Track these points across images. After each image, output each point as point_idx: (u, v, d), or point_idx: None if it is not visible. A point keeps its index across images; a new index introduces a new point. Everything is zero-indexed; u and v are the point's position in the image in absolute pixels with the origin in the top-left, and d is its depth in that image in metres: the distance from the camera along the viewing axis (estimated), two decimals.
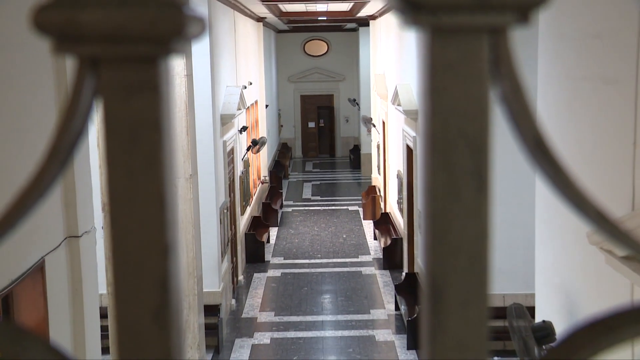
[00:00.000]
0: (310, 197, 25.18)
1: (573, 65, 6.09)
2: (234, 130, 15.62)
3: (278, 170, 26.85)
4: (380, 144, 21.72)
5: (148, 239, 0.49)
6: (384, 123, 20.43)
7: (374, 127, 23.15)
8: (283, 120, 33.26)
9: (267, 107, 25.19)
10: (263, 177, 23.07)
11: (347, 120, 33.59)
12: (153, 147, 0.49)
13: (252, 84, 20.29)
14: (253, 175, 20.20)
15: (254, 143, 18.13)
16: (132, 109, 0.49)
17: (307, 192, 26.12)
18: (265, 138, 20.19)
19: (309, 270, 16.68)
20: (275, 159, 28.77)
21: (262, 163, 22.92)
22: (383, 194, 20.84)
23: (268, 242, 18.67)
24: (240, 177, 16.90)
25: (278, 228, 20.47)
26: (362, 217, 21.50)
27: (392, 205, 18.87)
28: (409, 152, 15.11)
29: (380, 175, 21.81)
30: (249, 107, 18.96)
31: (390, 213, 18.93)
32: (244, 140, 17.84)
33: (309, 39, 32.72)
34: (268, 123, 25.77)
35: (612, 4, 5.25)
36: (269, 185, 23.37)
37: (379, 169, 22.26)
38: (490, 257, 0.48)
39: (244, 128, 17.22)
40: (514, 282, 10.48)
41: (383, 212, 19.73)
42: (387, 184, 20.07)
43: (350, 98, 31.71)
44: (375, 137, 23.41)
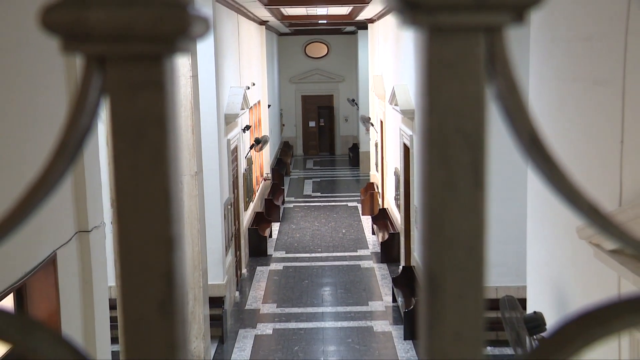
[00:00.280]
0: (311, 193, 25.17)
1: (564, 67, 6.08)
2: (238, 129, 15.62)
3: (280, 168, 26.85)
4: (378, 143, 21.72)
5: (154, 233, 0.49)
6: (382, 122, 20.43)
7: (372, 126, 23.15)
8: (285, 120, 33.26)
9: (269, 107, 25.19)
10: (265, 174, 23.07)
11: (346, 120, 33.59)
12: (158, 143, 0.48)
13: (255, 85, 20.28)
14: (256, 173, 20.20)
15: (257, 142, 18.13)
16: (137, 106, 0.48)
17: (307, 188, 26.11)
18: (268, 137, 20.18)
19: (310, 264, 16.68)
20: (277, 157, 28.76)
21: (264, 161, 22.92)
22: (381, 191, 20.84)
23: (270, 236, 18.67)
24: (244, 174, 16.90)
25: (280, 223, 20.47)
26: (360, 212, 21.50)
27: (389, 202, 18.87)
28: (406, 150, 15.10)
29: (378, 173, 21.81)
30: (252, 107, 18.95)
31: (388, 209, 18.93)
32: (247, 139, 17.84)
33: (310, 42, 32.70)
34: (270, 122, 25.76)
35: (601, 9, 5.24)
36: (271, 182, 23.37)
37: (377, 167, 22.26)
38: (486, 250, 0.48)
39: (247, 127, 17.22)
40: (507, 275, 10.49)
41: (381, 208, 19.74)
42: (384, 181, 20.07)
43: (350, 98, 31.72)
44: (374, 135, 23.41)
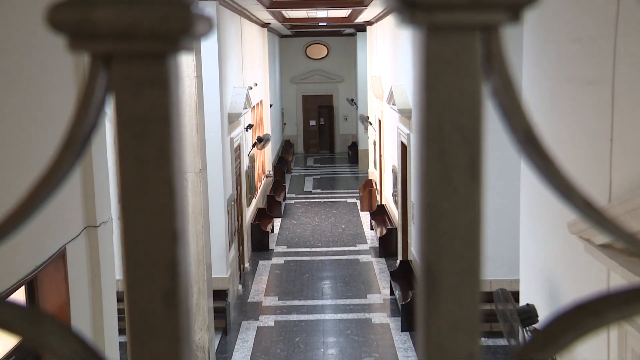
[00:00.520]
0: (312, 190, 25.17)
1: (555, 67, 6.08)
2: (241, 128, 15.62)
3: (281, 165, 26.84)
4: (377, 141, 21.71)
5: (158, 226, 0.48)
6: (380, 121, 20.42)
7: (371, 125, 23.14)
8: (286, 119, 33.26)
9: (271, 106, 25.17)
10: (267, 171, 23.06)
11: (345, 119, 33.57)
12: (162, 139, 0.48)
13: (257, 85, 20.27)
14: (258, 170, 20.20)
15: (259, 140, 18.12)
16: (142, 103, 0.48)
17: (308, 185, 26.11)
18: (270, 135, 20.18)
19: (310, 258, 16.68)
20: (279, 155, 28.76)
21: (266, 158, 22.91)
22: (379, 187, 20.84)
23: (272, 232, 18.67)
24: (247, 171, 16.90)
25: (281, 219, 20.47)
26: (359, 208, 21.51)
27: (387, 198, 18.87)
28: (403, 148, 15.10)
29: (377, 170, 21.81)
30: (254, 106, 18.94)
31: (386, 205, 18.93)
32: (250, 138, 17.84)
33: (310, 43, 32.68)
34: (272, 121, 25.76)
35: (591, 11, 5.24)
36: (273, 179, 23.37)
37: (375, 164, 22.26)
38: (482, 243, 0.47)
39: (250, 126, 17.22)
40: (500, 268, 10.49)
41: (379, 204, 19.74)
42: (382, 178, 20.07)
43: (349, 98, 31.71)
44: (372, 134, 23.40)
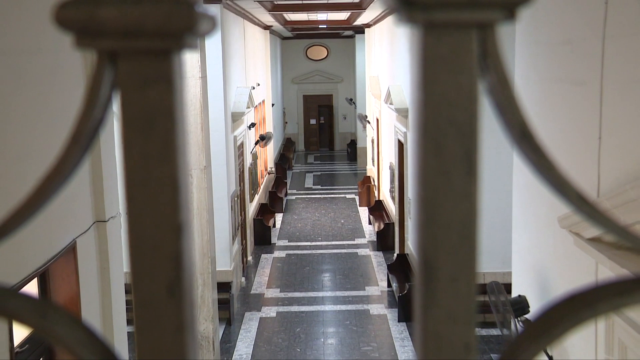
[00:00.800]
0: (312, 186, 25.17)
1: (546, 68, 6.07)
2: (244, 127, 15.61)
3: (283, 162, 26.84)
4: (375, 139, 21.71)
5: (163, 219, 0.48)
6: (378, 120, 20.41)
7: (369, 123, 23.13)
8: (287, 118, 33.24)
9: (273, 105, 25.16)
10: (269, 168, 23.06)
11: (344, 118, 33.56)
12: (167, 133, 0.47)
13: (259, 85, 20.26)
14: (260, 167, 20.19)
15: (262, 138, 18.12)
16: (147, 99, 0.47)
17: (309, 181, 26.11)
18: (272, 133, 20.17)
19: (311, 252, 16.69)
20: (281, 152, 28.76)
21: (268, 156, 22.91)
22: (377, 184, 20.84)
23: (274, 226, 18.68)
24: (249, 168, 16.89)
25: (283, 214, 20.47)
26: (358, 204, 21.51)
27: (385, 194, 18.87)
28: (400, 146, 15.09)
29: (375, 167, 21.81)
30: (257, 105, 18.93)
31: (383, 200, 18.93)
32: (253, 136, 17.83)
33: (311, 45, 32.65)
34: (274, 120, 25.75)
35: (580, 15, 5.23)
36: (275, 176, 23.37)
37: (373, 161, 22.26)
38: (479, 235, 0.47)
39: (253, 124, 17.21)
40: (493, 261, 10.48)
41: (377, 199, 19.74)
42: (380, 175, 20.07)
43: (348, 98, 31.70)
44: (370, 132, 23.39)
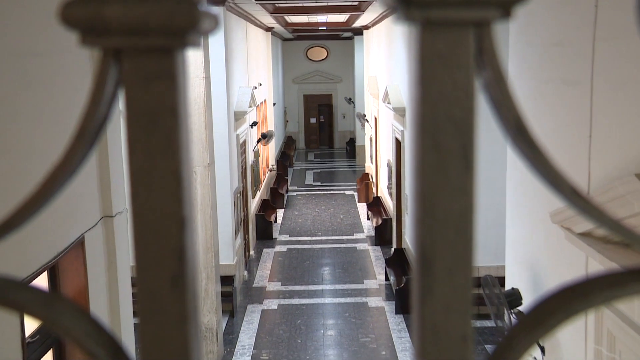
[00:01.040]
0: (312, 183, 25.17)
1: (538, 69, 6.06)
2: (246, 125, 15.60)
3: (284, 160, 26.83)
4: (373, 137, 21.70)
5: (166, 213, 0.47)
6: (376, 119, 20.40)
7: (367, 122, 23.12)
8: (288, 116, 33.23)
9: (274, 105, 25.15)
10: (271, 165, 23.05)
11: (344, 117, 33.55)
12: (170, 129, 0.47)
13: (261, 85, 20.24)
14: (262, 164, 20.19)
15: (263, 136, 18.10)
16: (151, 96, 0.46)
17: (309, 178, 26.10)
18: (273, 132, 20.16)
19: (311, 246, 16.69)
20: (282, 150, 28.75)
21: (270, 153, 22.90)
22: (375, 180, 20.84)
23: (275, 221, 18.68)
24: (251, 165, 16.89)
25: (284, 210, 20.47)
26: (356, 200, 21.51)
27: (382, 190, 18.87)
28: (398, 143, 15.08)
29: (373, 164, 21.81)
30: (259, 105, 18.92)
31: (381, 197, 18.93)
32: (255, 134, 17.82)
33: (311, 46, 32.63)
34: (275, 119, 25.74)
35: (571, 17, 5.22)
36: (276, 173, 23.36)
37: (372, 159, 22.25)
38: (475, 229, 0.46)
39: (255, 123, 17.20)
40: (487, 255, 10.48)
41: (375, 196, 19.74)
42: (378, 172, 20.06)
43: (347, 97, 31.69)
44: (368, 131, 23.39)
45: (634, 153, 4.28)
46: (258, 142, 17.93)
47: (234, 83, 13.88)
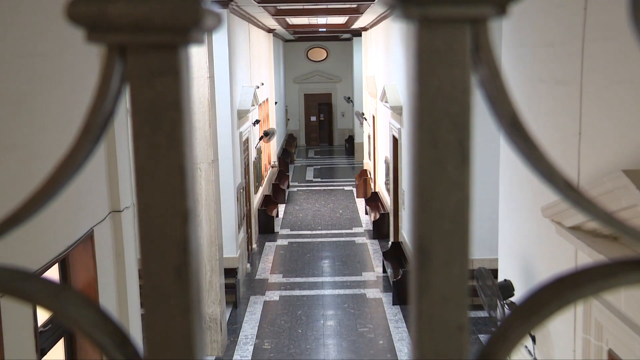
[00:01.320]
0: (312, 179, 25.16)
1: (530, 69, 6.05)
2: (249, 123, 15.58)
3: (285, 157, 26.82)
4: (371, 135, 21.69)
5: (170, 206, 0.47)
6: (374, 117, 20.39)
7: (366, 120, 23.11)
8: (289, 115, 33.21)
9: (276, 103, 25.12)
10: (273, 162, 23.04)
11: (343, 115, 33.53)
12: (174, 124, 0.46)
13: (263, 85, 20.22)
14: (264, 161, 20.18)
15: (265, 134, 18.09)
16: (155, 91, 0.46)
17: (309, 174, 26.09)
18: (275, 129, 20.14)
19: (311, 240, 16.69)
20: (283, 147, 28.73)
21: (272, 150, 22.89)
22: (373, 176, 20.83)
23: (277, 216, 18.67)
24: (254, 162, 16.88)
25: (285, 205, 20.47)
26: (355, 195, 21.50)
27: (380, 186, 18.87)
28: (395, 141, 15.07)
29: (371, 161, 21.79)
30: (261, 103, 18.90)
31: (379, 192, 18.93)
32: (257, 132, 17.80)
33: (311, 47, 32.59)
34: (277, 117, 25.71)
35: (562, 19, 5.21)
36: (278, 169, 23.35)
37: (370, 156, 22.24)
38: (471, 222, 0.46)
39: (257, 121, 17.18)
40: (481, 248, 10.48)
41: (373, 191, 19.73)
42: (376, 168, 20.06)
43: (346, 96, 31.67)
44: (367, 129, 23.37)
45: (622, 150, 4.28)
46: (260, 139, 17.91)
47: (237, 83, 13.86)
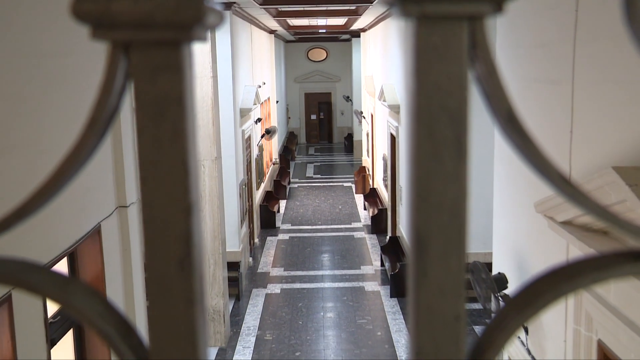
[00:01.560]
0: (313, 175, 25.15)
1: (524, 69, 6.04)
2: (251, 121, 15.57)
3: (286, 154, 26.81)
4: (369, 133, 21.68)
5: (173, 199, 0.46)
6: (372, 115, 20.37)
7: (364, 118, 23.09)
8: (290, 113, 33.19)
9: (277, 102, 25.10)
10: (274, 159, 23.03)
11: (342, 113, 33.51)
12: (178, 119, 0.46)
13: (265, 84, 20.20)
14: (266, 158, 20.17)
15: (267, 132, 18.08)
16: (159, 87, 0.45)
17: (310, 171, 26.09)
18: (276, 127, 20.13)
19: (312, 235, 16.70)
20: (284, 145, 28.72)
21: (273, 148, 22.88)
22: (371, 173, 20.82)
23: (278, 211, 18.68)
24: (256, 159, 16.88)
25: (286, 200, 20.47)
26: (354, 191, 21.50)
27: (378, 182, 18.86)
28: (392, 139, 15.06)
29: (369, 158, 21.79)
30: (263, 102, 18.88)
31: (377, 188, 18.92)
32: (259, 130, 17.79)
33: (312, 47, 32.56)
34: (278, 115, 25.69)
35: (554, 20, 5.20)
36: (279, 166, 23.34)
37: (368, 153, 22.23)
38: (468, 215, 0.45)
39: (259, 119, 17.17)
40: (476, 242, 10.48)
41: (371, 187, 19.73)
42: (374, 165, 20.05)
43: (345, 95, 31.65)
44: (365, 127, 23.36)
45: (612, 147, 4.27)
46: (262, 137, 17.90)
47: (240, 82, 13.85)
